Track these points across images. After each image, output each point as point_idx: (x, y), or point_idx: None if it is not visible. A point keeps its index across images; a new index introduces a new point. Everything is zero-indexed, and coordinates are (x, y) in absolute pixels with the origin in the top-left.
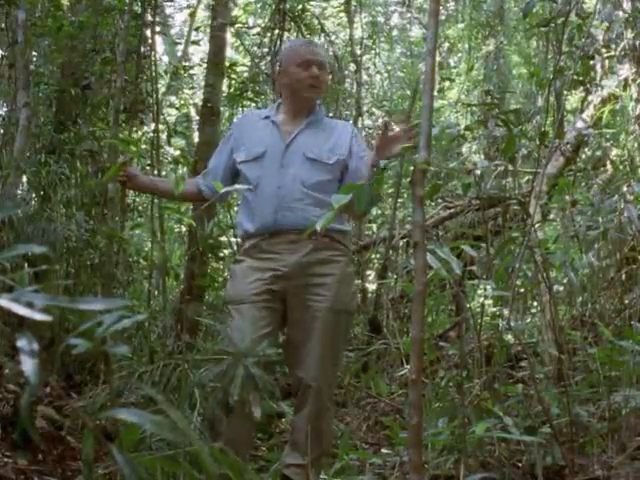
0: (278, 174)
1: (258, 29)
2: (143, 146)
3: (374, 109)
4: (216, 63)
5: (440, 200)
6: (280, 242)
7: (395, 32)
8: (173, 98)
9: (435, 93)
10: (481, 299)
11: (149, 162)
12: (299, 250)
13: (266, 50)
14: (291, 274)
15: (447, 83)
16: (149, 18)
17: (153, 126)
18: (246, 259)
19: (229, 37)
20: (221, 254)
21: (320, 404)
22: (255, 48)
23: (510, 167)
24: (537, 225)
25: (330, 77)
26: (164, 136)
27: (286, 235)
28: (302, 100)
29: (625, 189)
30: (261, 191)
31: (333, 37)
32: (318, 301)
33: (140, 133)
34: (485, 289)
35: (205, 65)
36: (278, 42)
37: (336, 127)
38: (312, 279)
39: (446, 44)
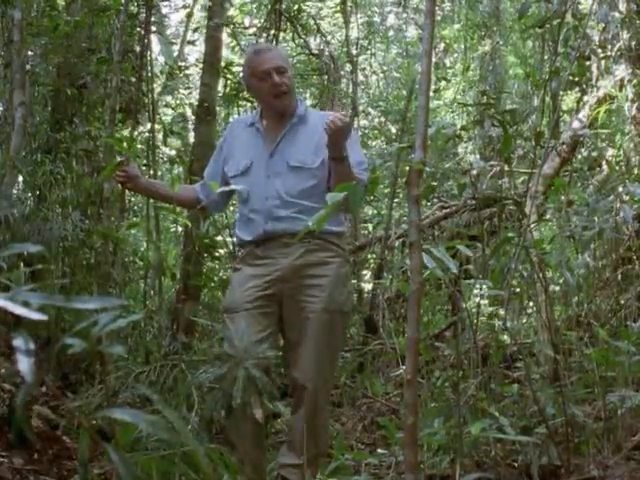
0: (265, 185)
1: (254, 29)
2: (139, 146)
3: (370, 109)
4: (212, 63)
5: (436, 200)
6: (273, 247)
7: (391, 32)
8: (169, 98)
9: (431, 93)
10: (477, 299)
11: (145, 162)
12: (292, 253)
13: None
14: (285, 277)
15: (443, 83)
16: (145, 18)
17: (149, 126)
18: (243, 267)
19: (225, 37)
20: (217, 254)
21: (316, 405)
22: None
23: (506, 167)
24: (533, 225)
25: (326, 77)
26: (160, 136)
27: (279, 240)
28: (276, 109)
29: (621, 189)
30: (251, 203)
31: (329, 37)
32: (312, 302)
33: (136, 133)
34: (481, 289)
35: (201, 65)
36: (274, 42)
37: (320, 121)
38: (306, 281)
39: (442, 44)
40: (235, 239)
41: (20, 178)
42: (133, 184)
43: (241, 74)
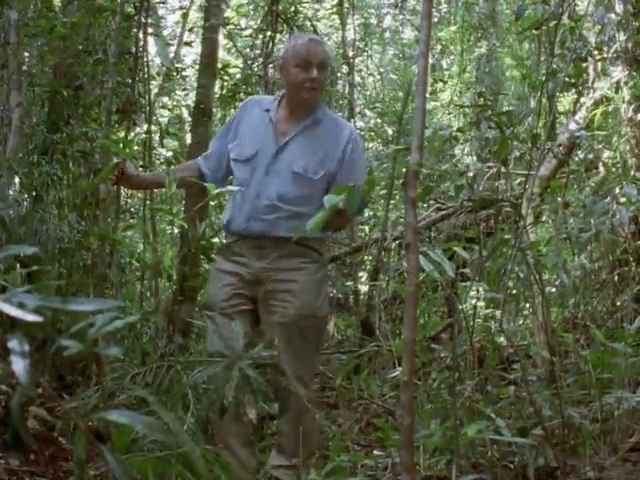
0: (261, 181)
1: (250, 31)
2: (135, 147)
3: (366, 111)
4: (208, 64)
5: (432, 202)
6: (249, 246)
7: (387, 34)
8: (165, 99)
9: (427, 95)
10: (473, 301)
11: (141, 163)
12: (265, 256)
13: (258, 52)
14: (257, 280)
15: (439, 85)
16: (142, 19)
17: (145, 127)
18: (220, 260)
19: (221, 39)
20: (213, 255)
21: (299, 407)
22: (247, 50)
23: (502, 169)
24: (529, 227)
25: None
26: (157, 137)
27: (255, 240)
28: (300, 101)
29: (617, 191)
30: (244, 194)
31: (325, 39)
32: (285, 307)
33: (132, 134)
34: (477, 291)
35: (197, 66)
36: (270, 44)
37: (333, 131)
38: (278, 285)
39: (438, 46)
40: (223, 226)
41: (16, 179)
42: (130, 183)
43: (281, 52)
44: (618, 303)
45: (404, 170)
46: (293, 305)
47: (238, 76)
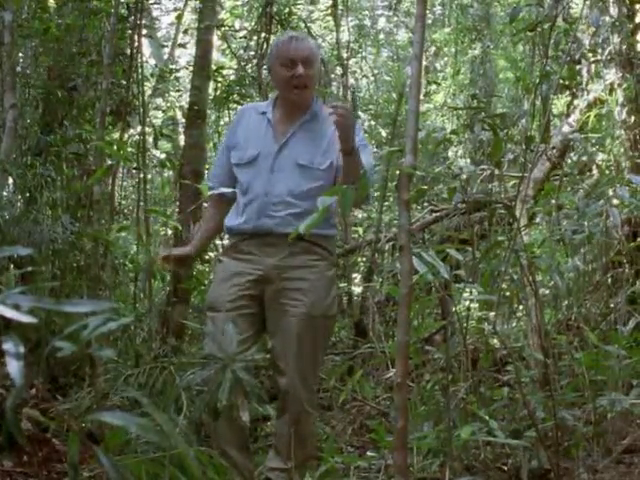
0: (268, 180)
1: (245, 32)
2: (129, 149)
3: (360, 113)
4: (202, 66)
5: (426, 204)
6: (258, 244)
7: (381, 36)
8: (159, 101)
9: (421, 97)
10: (467, 303)
11: (135, 165)
12: (276, 254)
13: (252, 53)
14: (267, 278)
15: (433, 87)
16: (136, 21)
17: (139, 129)
18: (226, 260)
19: (216, 40)
20: (207, 257)
21: (300, 409)
22: (241, 51)
23: (496, 171)
24: (523, 229)
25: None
26: (150, 139)
27: (264, 238)
28: (291, 101)
29: (611, 193)
30: (249, 195)
31: (320, 40)
32: (294, 306)
33: (126, 136)
34: (471, 293)
35: (191, 68)
36: (264, 45)
37: (330, 120)
38: (288, 283)
39: (432, 48)
40: (224, 229)
41: (10, 180)
42: (189, 262)
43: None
44: (612, 305)
45: (398, 172)
46: (303, 304)
47: (232, 77)
